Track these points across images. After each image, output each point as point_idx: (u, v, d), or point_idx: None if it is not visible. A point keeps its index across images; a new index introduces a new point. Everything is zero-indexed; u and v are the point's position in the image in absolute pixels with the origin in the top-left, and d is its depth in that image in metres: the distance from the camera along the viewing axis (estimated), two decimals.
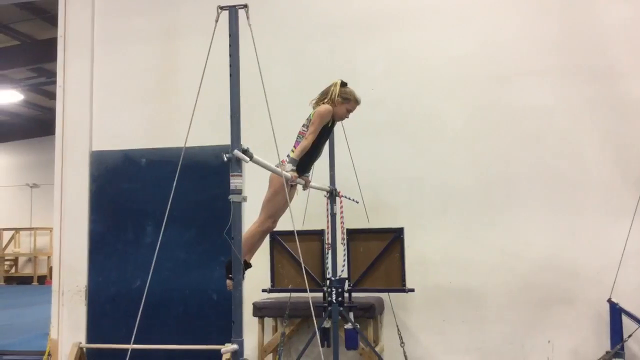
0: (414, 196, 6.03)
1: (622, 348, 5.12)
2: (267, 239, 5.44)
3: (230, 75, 3.06)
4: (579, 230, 5.66)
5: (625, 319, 5.20)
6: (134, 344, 3.40)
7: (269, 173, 3.95)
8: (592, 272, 5.55)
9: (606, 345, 5.24)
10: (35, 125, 19.75)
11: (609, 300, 5.25)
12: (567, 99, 5.82)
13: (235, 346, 2.87)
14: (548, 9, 5.97)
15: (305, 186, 4.44)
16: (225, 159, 2.96)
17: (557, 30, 5.92)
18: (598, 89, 5.76)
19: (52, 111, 7.45)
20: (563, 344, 5.59)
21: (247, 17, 3.10)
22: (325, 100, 4.48)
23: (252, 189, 4.00)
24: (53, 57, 7.32)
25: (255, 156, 3.09)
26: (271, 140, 3.42)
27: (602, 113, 5.74)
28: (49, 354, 6.56)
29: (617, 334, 5.19)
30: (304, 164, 4.30)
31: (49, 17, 10.84)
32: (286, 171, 3.91)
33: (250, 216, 4.89)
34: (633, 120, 5.67)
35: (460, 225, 5.89)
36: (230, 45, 3.06)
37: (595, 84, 5.76)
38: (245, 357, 2.96)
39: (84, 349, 6.30)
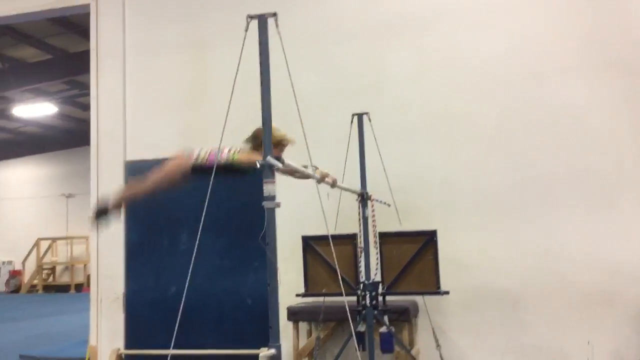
0: (446, 198, 5.99)
1: None
2: (299, 244, 5.49)
3: (262, 83, 3.09)
4: (617, 228, 5.55)
5: None
6: (172, 349, 3.45)
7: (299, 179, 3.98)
8: (632, 271, 5.44)
9: None
10: (69, 137, 20.17)
11: None
12: (601, 95, 5.72)
13: (273, 351, 2.90)
14: (579, 5, 5.89)
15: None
16: (258, 166, 2.99)
17: (589, 26, 5.83)
18: (633, 84, 5.65)
19: (86, 122, 7.61)
20: (603, 346, 5.49)
21: (277, 25, 3.13)
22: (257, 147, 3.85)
23: (285, 193, 4.03)
24: (86, 70, 7.49)
25: (287, 161, 3.11)
26: (302, 146, 3.44)
27: (637, 108, 5.62)
28: None
29: None
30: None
31: (81, 30, 11.08)
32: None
33: (283, 221, 4.93)
34: None
35: (495, 226, 5.83)
36: (260, 54, 3.09)
37: (630, 79, 5.66)
38: None
39: (123, 355, 6.40)
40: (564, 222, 5.68)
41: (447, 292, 5.24)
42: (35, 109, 16.29)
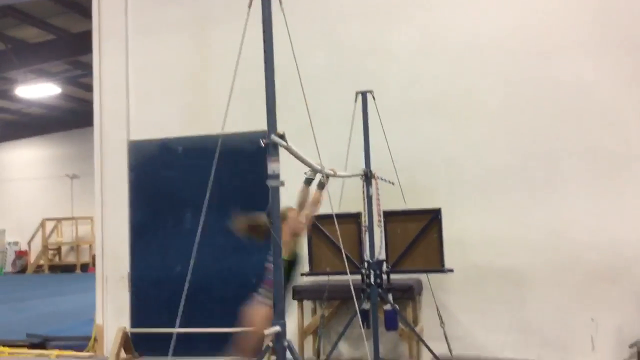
0: (451, 176, 5.97)
1: None
2: None
3: (265, 61, 3.06)
4: (622, 206, 5.54)
5: None
6: (177, 327, 3.47)
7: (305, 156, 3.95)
8: (636, 249, 5.43)
9: None
10: (73, 117, 20.15)
11: None
12: (608, 72, 5.66)
13: (277, 328, 2.91)
14: None
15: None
16: (263, 145, 2.98)
17: (596, 2, 5.76)
18: (638, 62, 5.59)
19: (89, 103, 7.58)
20: (607, 323, 5.50)
21: (280, 2, 3.09)
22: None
23: (289, 173, 4.02)
24: (88, 50, 7.45)
25: (288, 143, 3.09)
26: (306, 125, 3.43)
27: None
28: (95, 339, 6.75)
29: None
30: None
31: (83, 10, 10.99)
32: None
33: (287, 200, 4.92)
34: None
35: (500, 205, 5.82)
36: (264, 32, 3.06)
37: (637, 56, 5.59)
38: (287, 339, 3.00)
39: (129, 334, 6.46)
40: (569, 200, 5.66)
41: (451, 270, 5.26)
42: (39, 90, 16.24)
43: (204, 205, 3.41)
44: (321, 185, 4.09)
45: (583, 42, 5.74)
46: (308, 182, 4.14)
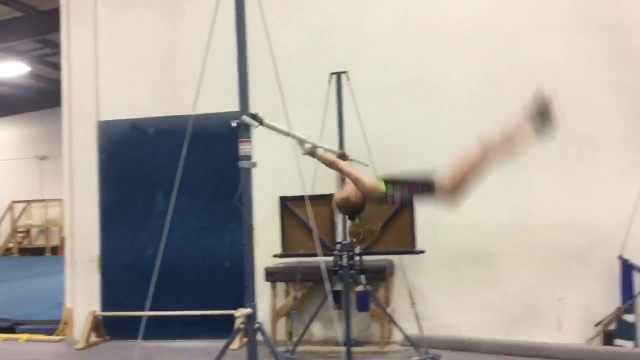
0: (424, 158, 5.86)
1: (633, 304, 5.15)
2: (276, 204, 5.48)
3: (237, 41, 3.02)
4: (591, 187, 5.63)
5: (636, 275, 5.21)
6: (148, 311, 3.44)
7: (278, 138, 3.90)
8: (603, 229, 5.53)
9: (617, 302, 5.27)
10: (42, 97, 19.70)
11: (620, 257, 5.26)
12: (579, 54, 5.72)
13: (249, 310, 2.91)
14: None
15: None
16: (234, 125, 2.94)
17: None
18: (611, 43, 5.65)
19: (58, 83, 7.40)
20: (574, 302, 5.61)
21: None
22: None
23: (262, 154, 3.99)
24: (57, 28, 7.25)
25: (265, 120, 3.06)
26: (280, 105, 3.39)
27: (616, 67, 5.64)
28: (65, 323, 6.67)
29: (627, 291, 5.22)
30: None
31: None
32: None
33: (261, 182, 4.88)
34: None
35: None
36: (236, 10, 3.01)
37: (607, 37, 5.65)
38: (258, 320, 2.99)
39: (99, 317, 6.40)
40: (538, 182, 5.74)
41: (422, 251, 5.30)
42: (6, 69, 15.83)
43: (174, 187, 3.37)
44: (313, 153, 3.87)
45: (555, 25, 5.77)
46: (311, 154, 3.87)
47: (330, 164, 3.65)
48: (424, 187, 3.36)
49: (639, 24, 5.60)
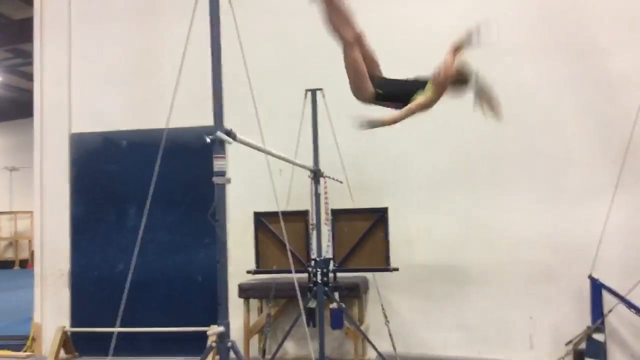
0: (398, 175, 6.03)
1: (603, 323, 5.21)
2: (250, 219, 5.44)
3: (212, 54, 3.00)
4: (560, 206, 5.71)
5: (605, 295, 5.28)
6: (118, 326, 3.37)
7: (252, 154, 3.89)
8: (573, 249, 5.61)
9: (587, 321, 5.32)
10: (13, 108, 19.42)
11: (590, 277, 5.32)
12: (548, 75, 5.83)
13: (221, 328, 2.86)
14: None
15: None
16: (209, 141, 2.91)
17: (537, 7, 5.91)
18: (580, 66, 5.77)
19: (30, 93, 7.31)
20: (545, 320, 5.67)
21: None
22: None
23: (236, 169, 3.97)
24: (30, 38, 7.16)
25: (239, 136, 3.04)
26: (255, 120, 3.38)
27: (584, 89, 5.76)
28: (33, 339, 6.51)
29: (597, 310, 5.28)
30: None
31: None
32: None
33: (235, 198, 4.85)
34: (614, 97, 5.70)
35: (444, 204, 5.92)
36: (211, 24, 2.99)
37: (576, 60, 5.78)
38: (231, 338, 2.95)
39: (69, 333, 6.26)
40: (509, 201, 5.81)
41: (396, 269, 5.30)
42: None
43: (147, 201, 3.32)
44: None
45: (525, 45, 5.88)
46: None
47: (410, 112, 3.87)
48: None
49: (609, 48, 5.73)
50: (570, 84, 5.78)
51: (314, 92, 5.26)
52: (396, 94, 3.76)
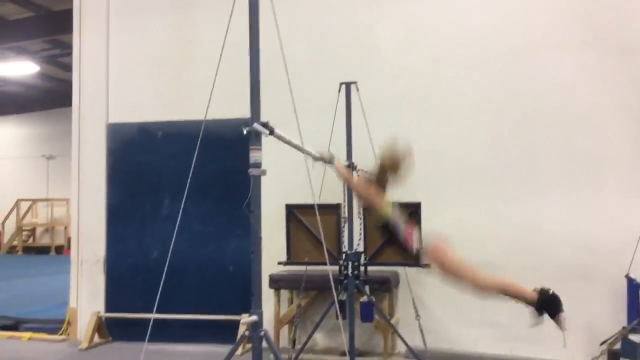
0: (432, 170, 5.98)
1: (639, 324, 5.11)
2: (283, 211, 5.47)
3: (250, 49, 3.03)
4: (598, 205, 5.61)
5: None
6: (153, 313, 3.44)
7: (284, 146, 3.91)
8: (610, 248, 5.50)
9: (623, 321, 5.23)
10: (50, 97, 19.81)
11: (627, 276, 5.23)
12: (589, 72, 5.71)
13: (254, 317, 2.90)
14: None
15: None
16: (245, 133, 2.94)
17: (579, 3, 5.79)
18: (621, 63, 5.64)
19: (67, 83, 7.45)
20: (579, 319, 5.55)
21: None
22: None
23: (269, 160, 3.99)
24: (68, 29, 7.30)
25: (276, 130, 3.06)
26: (288, 113, 3.40)
27: (625, 87, 5.63)
28: (69, 323, 6.68)
29: (634, 310, 5.17)
30: None
31: None
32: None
33: (267, 188, 4.87)
34: None
35: (479, 200, 5.86)
36: (250, 20, 3.02)
37: (618, 57, 5.65)
38: (264, 328, 2.99)
39: (103, 318, 6.41)
40: (545, 198, 5.72)
41: (427, 265, 5.26)
42: (16, 68, 15.93)
43: (184, 191, 3.38)
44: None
45: (565, 42, 5.77)
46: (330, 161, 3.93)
47: (346, 179, 3.65)
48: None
49: None
50: (610, 81, 5.65)
51: (348, 85, 5.26)
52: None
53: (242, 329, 5.13)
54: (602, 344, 5.32)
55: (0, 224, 21.20)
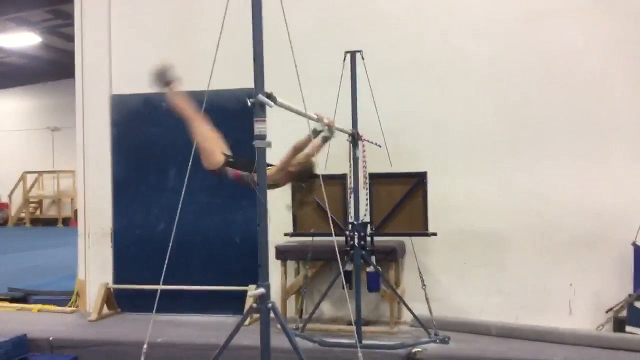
0: (438, 139, 5.94)
1: None
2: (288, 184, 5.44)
3: (253, 17, 2.97)
4: (605, 173, 5.57)
5: None
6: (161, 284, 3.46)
7: (292, 117, 3.86)
8: (617, 215, 5.48)
9: (629, 289, 5.24)
10: (54, 68, 19.72)
11: (634, 244, 5.22)
12: (598, 39, 5.61)
13: (262, 290, 2.91)
14: None
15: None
16: (249, 104, 2.91)
17: None
18: (630, 29, 5.54)
19: (70, 54, 7.39)
20: (585, 287, 5.59)
21: None
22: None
23: (274, 131, 3.96)
24: None
25: (279, 99, 3.03)
26: (294, 83, 3.35)
27: (634, 54, 5.54)
28: (77, 295, 6.74)
29: None
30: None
31: None
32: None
33: (272, 159, 4.84)
34: None
35: (485, 169, 5.82)
36: None
37: (627, 24, 5.54)
38: (271, 300, 2.99)
39: (111, 289, 6.46)
40: (552, 166, 5.68)
41: (434, 234, 5.28)
42: (18, 39, 15.85)
43: (188, 162, 3.35)
44: (325, 139, 3.94)
45: (573, 8, 5.66)
46: (315, 134, 3.92)
47: (316, 150, 3.81)
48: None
49: None
50: (620, 47, 5.56)
51: (353, 54, 5.18)
52: (245, 164, 3.86)
53: (249, 301, 5.16)
54: (607, 311, 5.34)
55: (8, 197, 21.33)
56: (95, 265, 6.72)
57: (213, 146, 4.01)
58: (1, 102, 22.45)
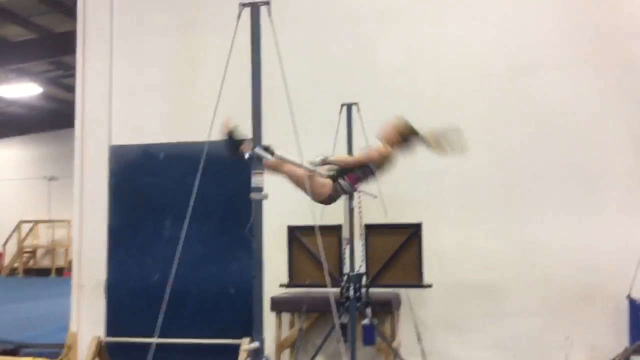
0: (433, 190, 5.99)
1: None
2: (284, 232, 5.46)
3: (252, 71, 3.04)
4: (599, 224, 5.60)
5: None
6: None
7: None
8: (612, 268, 5.49)
9: (625, 342, 5.20)
10: (53, 118, 19.88)
11: (629, 297, 5.21)
12: (588, 92, 5.75)
13: (256, 344, 2.87)
14: (571, 0, 5.89)
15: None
16: (247, 157, 2.95)
17: (578, 22, 5.84)
18: (620, 82, 5.68)
19: (70, 104, 7.50)
20: (582, 340, 5.54)
21: (269, 14, 3.08)
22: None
23: (270, 181, 3.99)
24: (71, 50, 7.37)
25: (276, 152, 3.07)
26: (289, 133, 3.40)
27: (624, 106, 5.67)
28: (69, 347, 6.62)
29: (636, 330, 5.15)
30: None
31: (67, 9, 10.88)
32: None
33: (268, 210, 4.86)
34: None
35: (480, 220, 5.85)
36: (252, 42, 3.04)
37: (617, 76, 5.69)
38: (265, 355, 2.96)
39: (104, 342, 6.35)
40: (547, 217, 5.72)
41: (429, 286, 5.26)
42: (19, 89, 16.03)
43: (186, 213, 3.37)
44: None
45: (564, 61, 5.81)
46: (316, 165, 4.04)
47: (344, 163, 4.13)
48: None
49: None
50: (611, 99, 5.69)
51: (349, 106, 5.28)
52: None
53: (243, 356, 5.08)
54: None
55: (2, 246, 21.14)
56: (88, 318, 6.64)
57: (313, 179, 4.00)
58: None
